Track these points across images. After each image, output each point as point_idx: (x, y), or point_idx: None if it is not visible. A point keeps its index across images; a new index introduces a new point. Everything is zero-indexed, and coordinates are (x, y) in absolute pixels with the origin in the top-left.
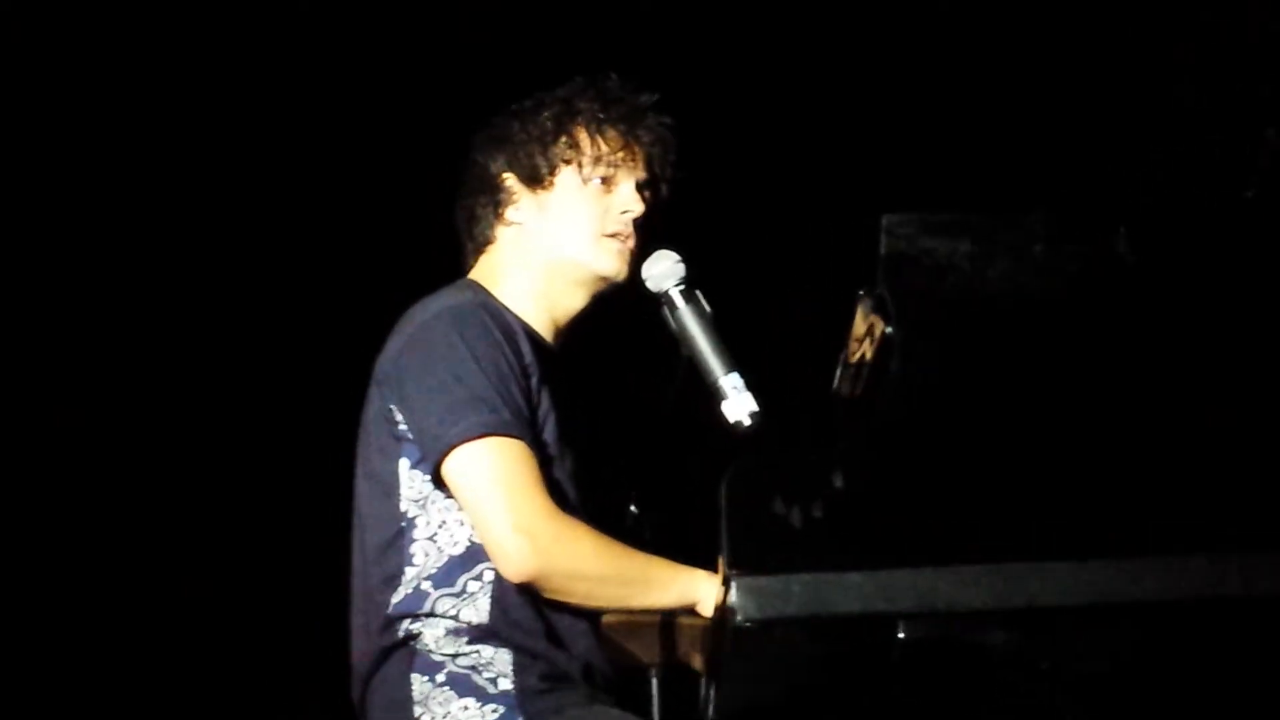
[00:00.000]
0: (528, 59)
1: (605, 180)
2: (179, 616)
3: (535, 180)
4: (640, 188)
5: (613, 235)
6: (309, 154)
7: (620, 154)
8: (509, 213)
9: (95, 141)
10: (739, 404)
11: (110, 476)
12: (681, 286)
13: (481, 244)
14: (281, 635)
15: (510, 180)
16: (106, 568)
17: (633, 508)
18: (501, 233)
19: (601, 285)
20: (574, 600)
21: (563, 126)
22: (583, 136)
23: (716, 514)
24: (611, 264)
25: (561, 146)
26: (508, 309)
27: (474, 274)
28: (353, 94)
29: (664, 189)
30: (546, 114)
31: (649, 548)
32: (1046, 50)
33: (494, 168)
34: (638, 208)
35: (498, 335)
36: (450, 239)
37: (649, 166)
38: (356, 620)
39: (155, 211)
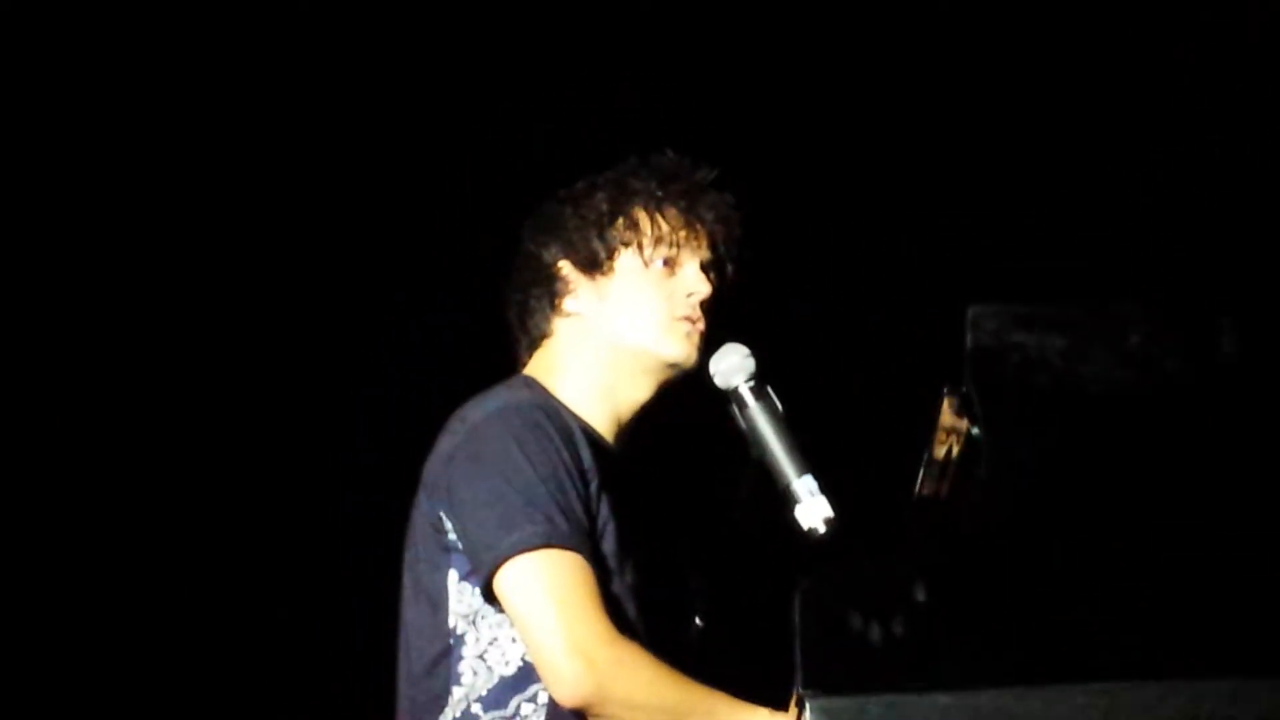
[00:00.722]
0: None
1: (668, 261)
2: (179, 619)
3: (593, 266)
4: (705, 268)
5: (680, 319)
6: (327, 167)
7: (682, 233)
8: (566, 303)
9: (112, 146)
10: (813, 509)
11: (111, 477)
12: (751, 382)
13: (537, 338)
14: (281, 639)
15: (566, 269)
16: (107, 569)
17: (697, 621)
18: (559, 325)
19: (670, 374)
20: None
21: (619, 207)
22: (641, 216)
23: (789, 629)
24: (680, 349)
25: (619, 228)
26: (566, 408)
27: (530, 370)
28: (396, 138)
29: (729, 269)
30: (600, 195)
31: (713, 666)
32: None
33: (547, 256)
34: (704, 289)
35: (556, 438)
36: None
37: (713, 245)
38: None
39: (166, 215)
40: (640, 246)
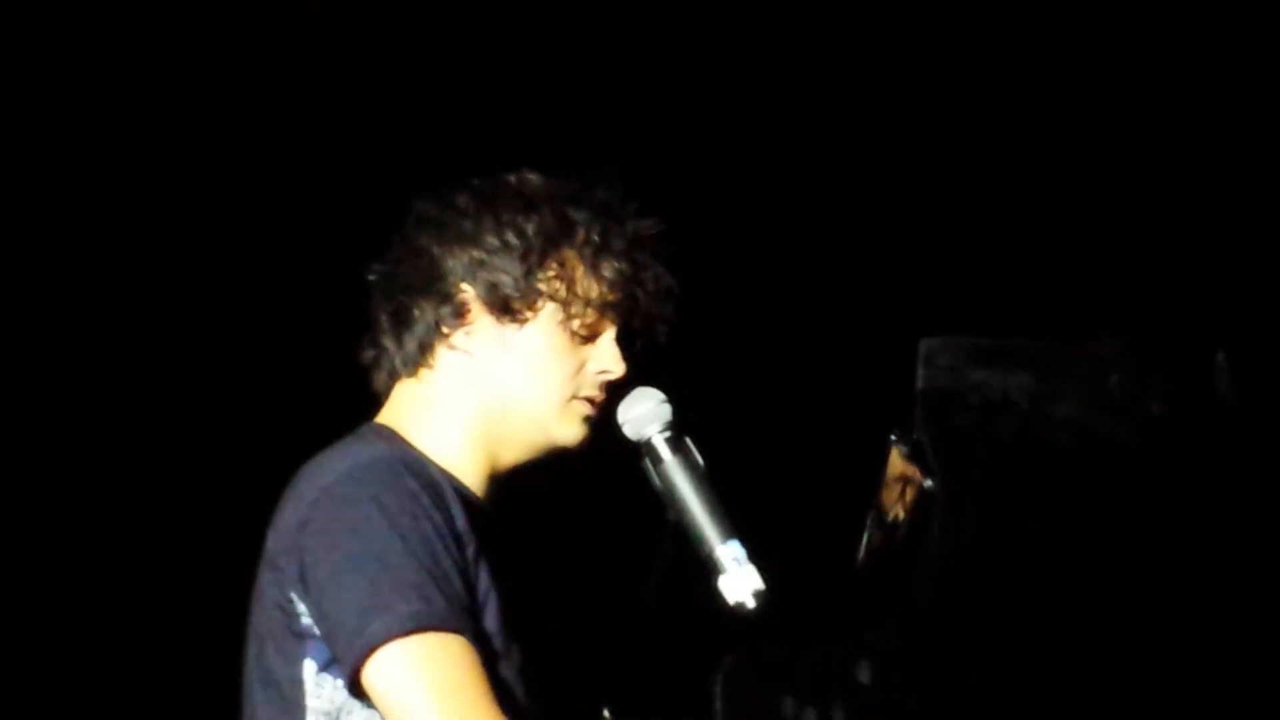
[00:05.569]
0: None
1: (589, 331)
2: (179, 619)
3: (504, 312)
4: (623, 341)
5: (583, 399)
6: (324, 169)
7: (614, 297)
8: (458, 337)
9: (110, 145)
10: (740, 580)
11: (110, 477)
12: (668, 433)
13: (410, 362)
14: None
15: (468, 296)
16: (106, 570)
17: (606, 714)
18: (442, 356)
19: (553, 451)
20: None
21: (552, 246)
22: (577, 268)
23: (711, 718)
24: (573, 434)
25: (549, 277)
26: (430, 460)
27: (386, 414)
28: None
29: (642, 344)
30: (532, 220)
31: None
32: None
33: (449, 270)
34: (618, 369)
35: (425, 497)
36: None
37: (639, 318)
38: None
39: (161, 215)
40: (567, 307)
